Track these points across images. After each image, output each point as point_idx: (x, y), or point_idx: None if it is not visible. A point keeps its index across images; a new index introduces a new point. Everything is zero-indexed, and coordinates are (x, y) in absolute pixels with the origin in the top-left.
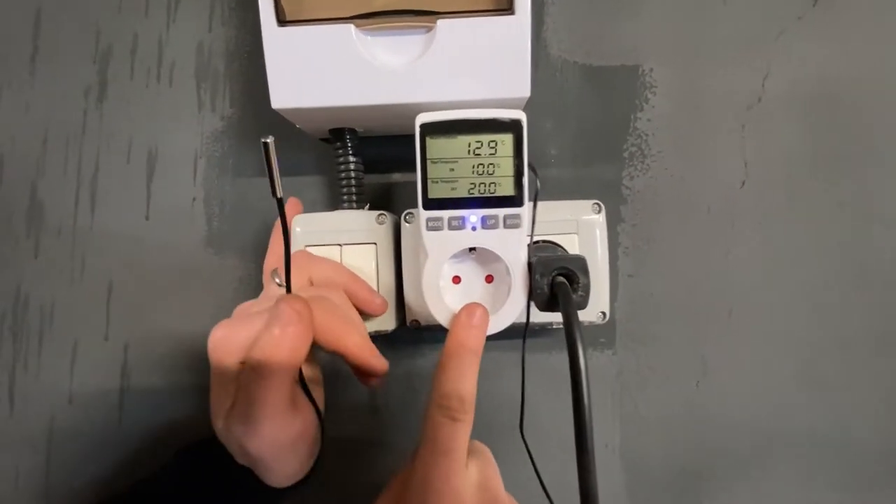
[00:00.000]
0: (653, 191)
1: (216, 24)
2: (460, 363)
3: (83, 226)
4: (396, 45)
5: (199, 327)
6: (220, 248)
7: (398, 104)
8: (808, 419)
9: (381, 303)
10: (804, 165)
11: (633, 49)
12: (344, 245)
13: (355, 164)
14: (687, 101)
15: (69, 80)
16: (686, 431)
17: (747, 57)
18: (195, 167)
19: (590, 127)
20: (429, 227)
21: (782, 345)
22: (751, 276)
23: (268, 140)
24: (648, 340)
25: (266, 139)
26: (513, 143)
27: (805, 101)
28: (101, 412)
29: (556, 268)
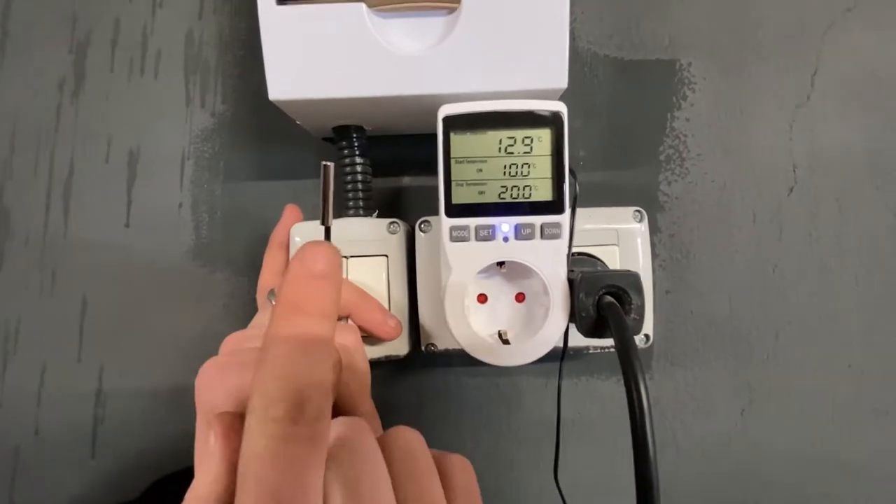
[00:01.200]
0: (692, 197)
1: (207, 11)
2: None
3: (55, 234)
4: (415, 27)
5: (184, 349)
6: (208, 259)
7: (416, 95)
8: (859, 453)
9: (395, 325)
10: (858, 169)
11: (670, 42)
12: (350, 257)
13: (363, 165)
14: (729, 100)
15: (41, 72)
16: (729, 464)
17: (794, 51)
18: (182, 169)
19: (622, 127)
20: (453, 238)
21: (834, 371)
22: (800, 293)
23: (328, 164)
24: (688, 364)
25: (327, 163)
26: (551, 140)
27: (858, 98)
28: (71, 444)
29: (604, 286)
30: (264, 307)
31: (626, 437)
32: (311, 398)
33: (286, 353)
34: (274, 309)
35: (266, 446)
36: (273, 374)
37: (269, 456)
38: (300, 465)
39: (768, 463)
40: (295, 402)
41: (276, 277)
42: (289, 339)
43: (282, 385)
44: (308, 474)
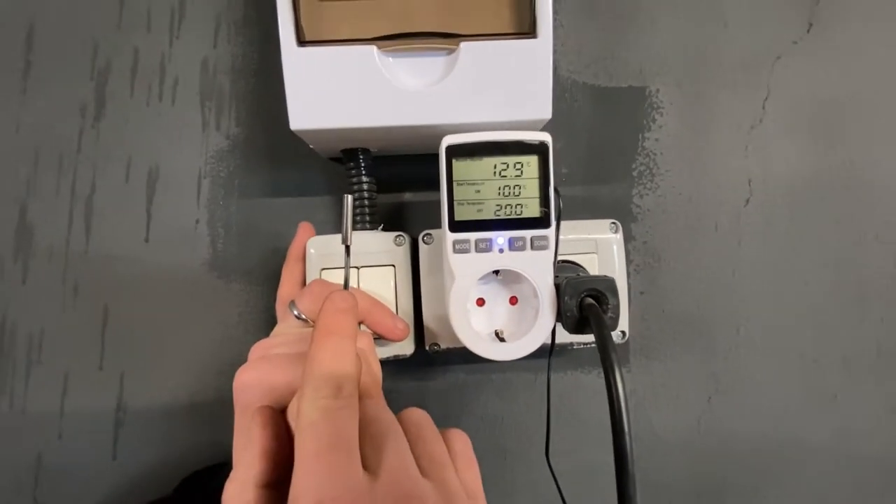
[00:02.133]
0: (662, 209)
1: (221, 41)
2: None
3: (77, 249)
4: (419, 67)
5: (201, 356)
6: (224, 272)
7: (420, 126)
8: (816, 434)
9: (403, 328)
10: (805, 182)
11: (640, 71)
12: (361, 267)
13: (368, 184)
14: (693, 122)
15: (64, 98)
16: (699, 447)
17: (748, 79)
18: (199, 187)
19: (599, 146)
20: (456, 250)
21: (789, 361)
22: (757, 293)
23: (349, 196)
24: (661, 357)
25: (348, 195)
26: (539, 165)
27: (804, 121)
28: (93, 449)
29: (585, 289)
30: (284, 317)
31: (608, 424)
32: (345, 384)
33: (327, 359)
34: (314, 333)
35: (318, 415)
36: (319, 371)
37: (321, 420)
38: (342, 423)
39: (734, 445)
40: (335, 385)
41: (294, 289)
42: (326, 349)
43: (326, 377)
44: (348, 429)
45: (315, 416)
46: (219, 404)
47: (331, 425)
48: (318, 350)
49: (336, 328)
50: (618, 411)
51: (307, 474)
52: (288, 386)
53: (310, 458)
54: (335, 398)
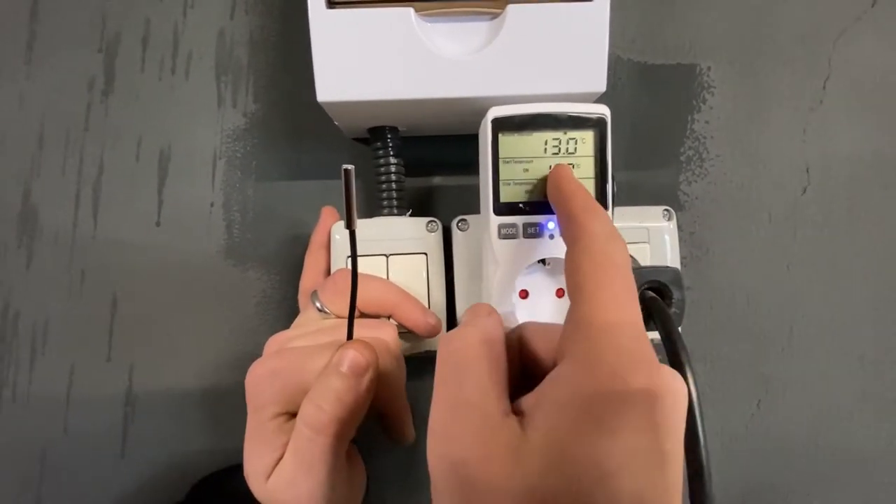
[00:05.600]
0: (711, 197)
1: (239, 12)
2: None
3: (84, 233)
4: (460, 32)
5: (216, 349)
6: (240, 258)
7: (460, 98)
8: (873, 441)
9: (435, 323)
10: (867, 170)
11: (690, 47)
12: (390, 255)
13: (396, 165)
14: (746, 103)
15: (71, 71)
16: (747, 454)
17: (807, 57)
18: (214, 169)
19: (644, 128)
20: (501, 235)
21: (846, 363)
22: (813, 289)
23: (349, 168)
24: (707, 357)
25: (347, 167)
26: (595, 142)
27: (868, 104)
28: (100, 444)
29: (646, 281)
30: (306, 307)
31: None
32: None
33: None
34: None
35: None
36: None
37: (343, 387)
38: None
39: (784, 451)
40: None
41: (318, 278)
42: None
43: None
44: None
45: (338, 385)
46: (234, 400)
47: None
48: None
49: (345, 365)
50: (692, 418)
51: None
52: (303, 383)
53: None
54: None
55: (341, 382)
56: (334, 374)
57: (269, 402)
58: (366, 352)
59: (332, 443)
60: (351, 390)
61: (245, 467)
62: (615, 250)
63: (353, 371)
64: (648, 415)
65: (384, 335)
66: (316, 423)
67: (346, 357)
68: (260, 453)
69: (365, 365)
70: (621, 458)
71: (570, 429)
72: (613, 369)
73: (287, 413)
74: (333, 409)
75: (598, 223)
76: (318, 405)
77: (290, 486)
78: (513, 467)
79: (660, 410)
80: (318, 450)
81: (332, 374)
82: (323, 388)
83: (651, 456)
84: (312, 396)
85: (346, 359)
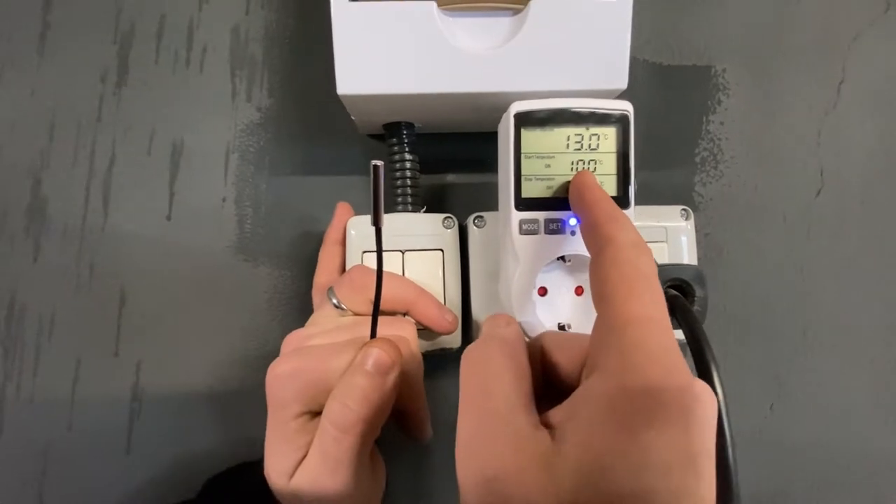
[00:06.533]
0: (725, 198)
1: (254, 6)
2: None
3: (93, 226)
4: (482, 27)
5: (225, 345)
6: (252, 254)
7: (481, 93)
8: (889, 446)
9: (452, 320)
10: (881, 174)
11: (705, 49)
12: (406, 252)
13: (412, 162)
14: (761, 105)
15: (84, 63)
16: (759, 457)
17: (822, 61)
18: (227, 163)
19: (659, 129)
20: (522, 231)
21: (860, 366)
22: (826, 291)
23: (378, 164)
24: (720, 359)
25: (376, 162)
26: (618, 138)
27: (882, 108)
28: (106, 440)
29: (669, 279)
30: (321, 305)
31: None
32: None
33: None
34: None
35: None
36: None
37: (369, 386)
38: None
39: (798, 455)
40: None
41: (333, 275)
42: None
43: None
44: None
45: (363, 381)
46: (243, 398)
47: (377, 388)
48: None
49: (370, 365)
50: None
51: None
52: (325, 381)
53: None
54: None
55: (367, 381)
56: (360, 372)
57: (292, 401)
58: (391, 350)
59: (358, 442)
60: (377, 389)
61: (266, 466)
62: (642, 260)
63: (379, 369)
64: (683, 429)
65: (404, 332)
66: (343, 422)
67: (370, 355)
68: (283, 452)
69: (390, 363)
70: (656, 473)
71: (603, 443)
72: (646, 383)
73: (310, 412)
74: (360, 407)
75: (623, 232)
76: (345, 404)
77: (314, 485)
78: (547, 481)
79: (694, 424)
80: (345, 449)
81: (357, 373)
82: (349, 387)
83: (686, 471)
84: (338, 395)
85: (370, 357)
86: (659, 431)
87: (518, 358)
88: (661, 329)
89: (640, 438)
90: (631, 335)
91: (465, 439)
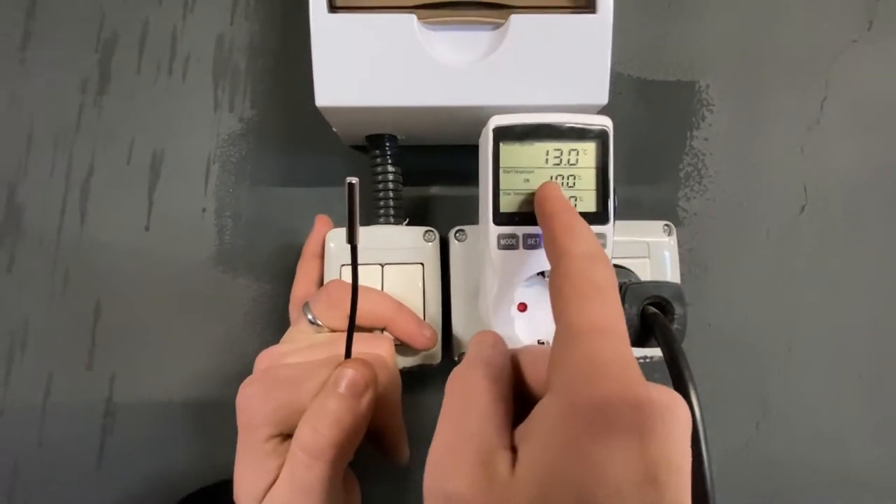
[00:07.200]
0: (709, 213)
1: (239, 17)
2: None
3: (70, 235)
4: (462, 41)
5: (202, 359)
6: (231, 265)
7: (460, 107)
8: (876, 465)
9: (431, 335)
10: (864, 189)
11: (689, 64)
12: (386, 265)
13: (394, 174)
14: (745, 121)
15: (64, 71)
16: (746, 477)
17: (805, 77)
18: (207, 173)
19: (643, 144)
20: (501, 246)
21: (847, 384)
22: (812, 308)
23: (353, 181)
24: (705, 376)
25: (351, 180)
26: (597, 153)
27: (865, 123)
28: (77, 457)
29: (648, 296)
30: (298, 320)
31: None
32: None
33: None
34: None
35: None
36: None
37: (342, 409)
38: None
39: (785, 475)
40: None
41: (310, 289)
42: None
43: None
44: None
45: (335, 405)
46: (220, 414)
47: (349, 411)
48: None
49: (343, 385)
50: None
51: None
52: (297, 403)
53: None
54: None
55: (339, 404)
56: (332, 395)
57: (263, 423)
58: (365, 371)
59: (329, 468)
60: (350, 412)
61: (235, 490)
62: (596, 271)
63: (352, 391)
64: (637, 443)
65: (381, 350)
66: (313, 447)
67: (344, 377)
68: (252, 476)
69: (364, 385)
70: (609, 491)
71: (554, 465)
72: (595, 398)
73: (281, 434)
74: (331, 432)
75: (577, 243)
76: (315, 428)
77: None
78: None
79: (651, 436)
80: (315, 475)
81: (329, 396)
82: (320, 411)
83: (645, 486)
84: (309, 419)
85: (344, 379)
86: (610, 448)
87: (501, 381)
88: (614, 340)
89: (590, 457)
90: (582, 349)
91: (435, 457)
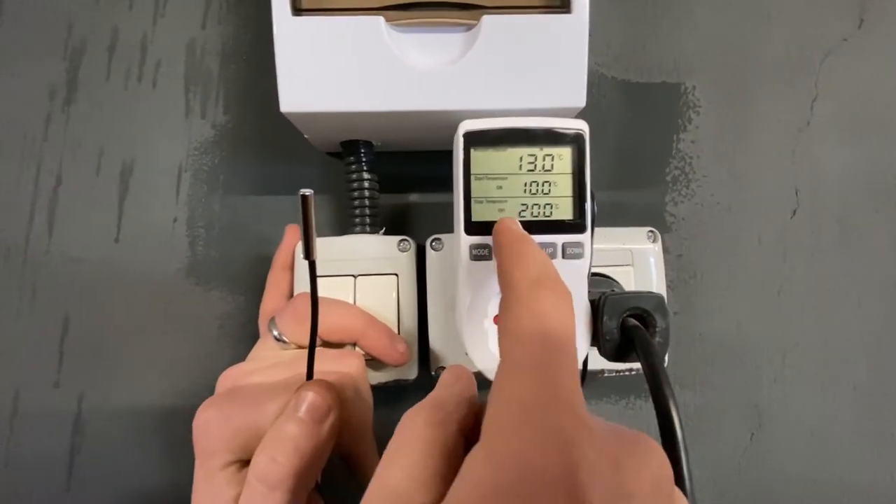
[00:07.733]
0: (698, 219)
1: (211, 21)
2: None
3: (37, 248)
4: (433, 43)
5: (174, 373)
6: (204, 277)
7: (432, 111)
8: (870, 476)
9: (404, 350)
10: (857, 192)
11: (675, 66)
12: (358, 276)
13: (370, 181)
14: (733, 123)
15: (31, 79)
16: (739, 490)
17: (794, 78)
18: (178, 182)
19: (629, 147)
20: (473, 257)
21: (841, 393)
22: (805, 315)
23: (307, 193)
24: (697, 387)
25: (305, 192)
26: (573, 159)
27: (857, 125)
28: (45, 476)
29: (629, 308)
30: (265, 335)
31: None
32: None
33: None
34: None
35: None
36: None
37: (302, 435)
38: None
39: (779, 487)
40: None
41: (279, 302)
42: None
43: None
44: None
45: (293, 430)
46: None
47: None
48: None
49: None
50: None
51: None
52: (256, 428)
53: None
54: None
55: (299, 429)
56: (291, 420)
57: (220, 449)
58: (326, 394)
59: (288, 497)
60: (310, 438)
61: None
62: (538, 298)
63: (313, 416)
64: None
65: (349, 368)
66: (270, 477)
67: (304, 400)
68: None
69: (326, 409)
70: None
71: None
72: (519, 456)
73: (240, 461)
74: (290, 461)
75: (520, 269)
76: (273, 457)
77: None
78: None
79: (584, 492)
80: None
81: (288, 421)
82: (278, 437)
83: None
84: (266, 447)
85: (304, 402)
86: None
87: (445, 425)
88: (551, 390)
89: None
90: (508, 397)
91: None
